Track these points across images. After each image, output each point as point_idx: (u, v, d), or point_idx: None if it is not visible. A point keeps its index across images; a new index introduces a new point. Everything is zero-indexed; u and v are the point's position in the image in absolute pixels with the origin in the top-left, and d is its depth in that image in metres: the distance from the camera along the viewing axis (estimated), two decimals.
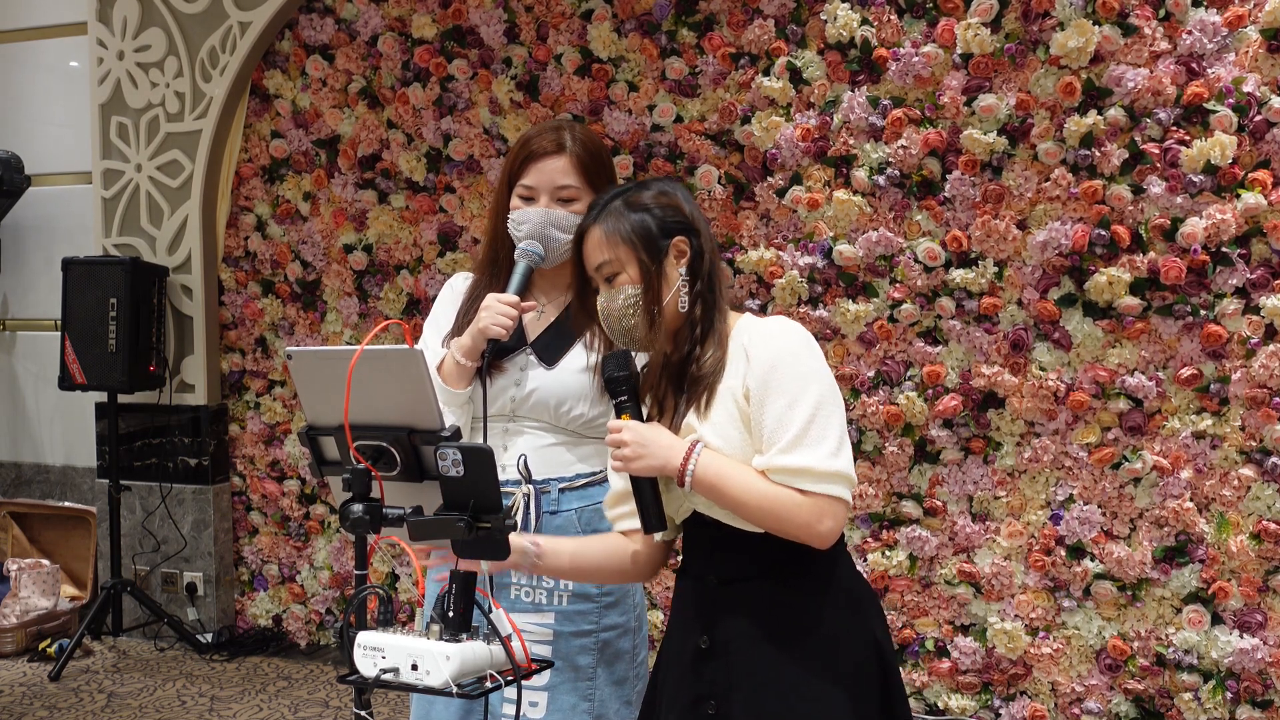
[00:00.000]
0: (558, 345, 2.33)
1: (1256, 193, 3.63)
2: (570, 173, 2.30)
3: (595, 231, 1.98)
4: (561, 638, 2.28)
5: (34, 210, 5.53)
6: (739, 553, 1.92)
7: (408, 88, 4.67)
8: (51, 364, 5.09)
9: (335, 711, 4.31)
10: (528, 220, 2.30)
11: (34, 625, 5.01)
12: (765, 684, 1.89)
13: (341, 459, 1.89)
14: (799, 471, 1.83)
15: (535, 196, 2.31)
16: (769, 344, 1.90)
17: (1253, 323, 3.69)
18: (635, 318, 1.94)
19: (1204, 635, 3.78)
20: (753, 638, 1.90)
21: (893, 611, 4.14)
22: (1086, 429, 3.87)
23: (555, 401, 2.30)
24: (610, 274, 1.96)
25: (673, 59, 4.28)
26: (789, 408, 1.84)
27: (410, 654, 1.70)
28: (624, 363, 1.97)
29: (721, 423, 1.90)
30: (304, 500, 5.07)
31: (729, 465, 1.86)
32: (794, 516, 1.83)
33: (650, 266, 1.94)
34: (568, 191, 2.30)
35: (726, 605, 1.92)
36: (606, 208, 1.99)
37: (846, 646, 1.92)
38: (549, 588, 2.29)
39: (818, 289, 4.15)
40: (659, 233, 1.95)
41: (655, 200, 1.98)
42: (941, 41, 3.92)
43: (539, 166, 2.31)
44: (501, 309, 2.22)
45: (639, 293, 1.94)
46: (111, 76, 5.10)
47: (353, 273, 4.87)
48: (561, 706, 2.28)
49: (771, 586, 1.91)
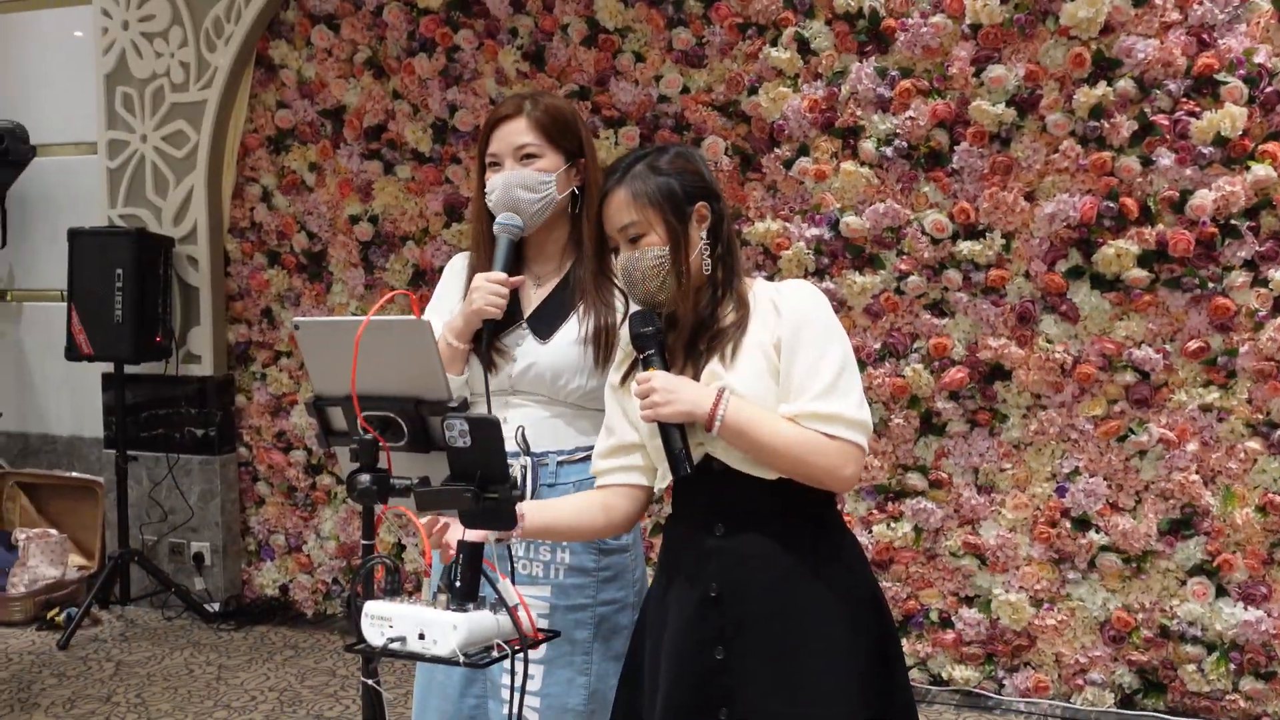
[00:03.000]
0: (552, 318, 2.33)
1: (1267, 165, 3.61)
2: (528, 132, 2.30)
3: (620, 193, 2.01)
4: (558, 611, 2.27)
5: (39, 181, 5.52)
6: (746, 503, 1.97)
7: (413, 58, 4.65)
8: (58, 335, 5.09)
9: (342, 680, 4.33)
10: (495, 187, 2.31)
11: (42, 594, 5.04)
12: (773, 632, 1.93)
13: (349, 429, 1.89)
14: (831, 417, 1.90)
15: (500, 161, 2.32)
16: (800, 299, 1.99)
17: (1261, 295, 3.68)
18: (662, 278, 1.98)
19: (1208, 607, 3.79)
20: (761, 585, 1.95)
21: (898, 583, 4.15)
22: (1093, 401, 3.87)
23: (552, 375, 2.29)
24: (636, 234, 2.00)
25: (680, 29, 4.25)
26: (820, 359, 1.93)
27: (417, 623, 1.71)
28: (649, 319, 2.00)
29: (749, 373, 1.95)
30: (310, 471, 5.08)
31: (757, 410, 1.92)
32: (821, 460, 1.90)
33: (677, 228, 1.99)
34: (527, 149, 2.31)
35: (733, 554, 1.96)
36: (630, 171, 2.02)
37: (849, 595, 1.99)
38: (545, 560, 2.29)
39: (824, 261, 4.14)
40: (684, 197, 2.00)
41: (678, 165, 2.03)
42: (950, 12, 3.90)
43: (499, 133, 2.32)
44: (491, 288, 2.23)
45: (666, 253, 1.98)
46: (116, 46, 5.08)
47: (359, 244, 4.86)
48: (558, 680, 2.28)
49: (778, 536, 1.96)
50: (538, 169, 2.30)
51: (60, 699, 4.16)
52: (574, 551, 2.28)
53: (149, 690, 4.24)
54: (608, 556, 2.31)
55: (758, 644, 1.94)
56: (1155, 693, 3.90)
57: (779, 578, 1.95)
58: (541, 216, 2.32)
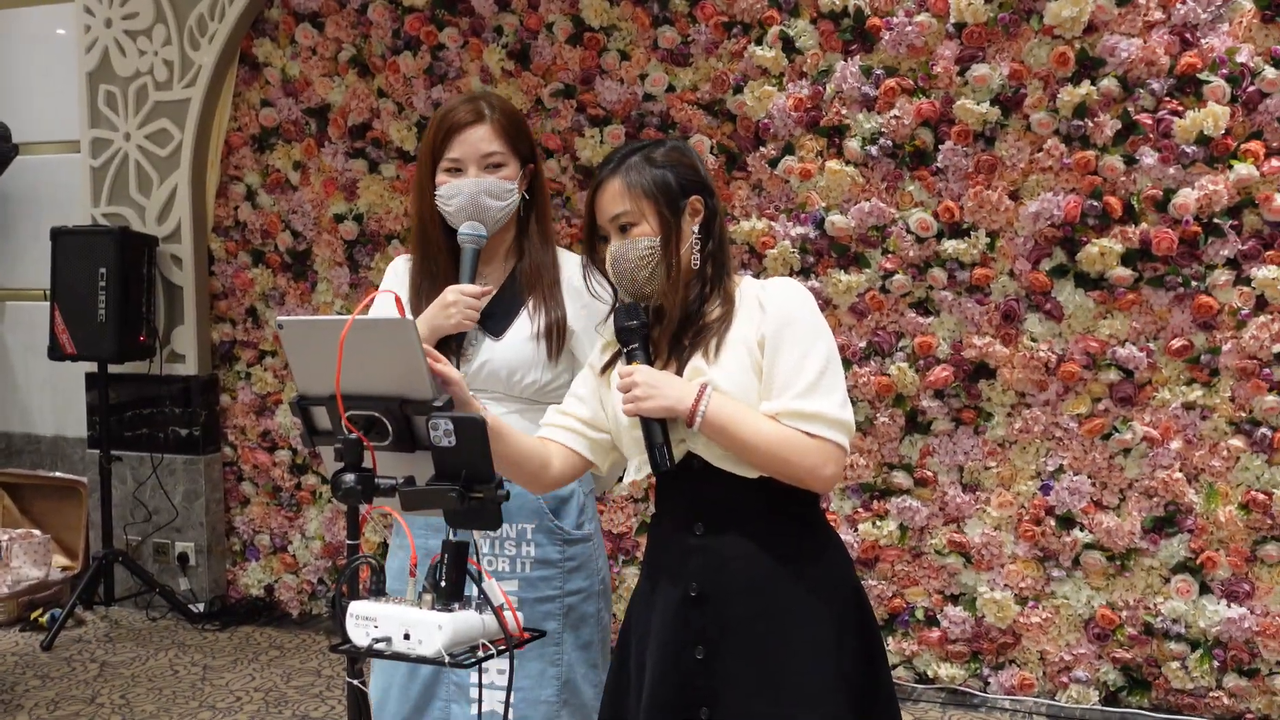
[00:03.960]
0: (503, 316, 2.35)
1: (1249, 164, 3.63)
2: (493, 139, 2.32)
3: (615, 183, 2.01)
4: (526, 604, 2.30)
5: (22, 179, 5.50)
6: (728, 502, 1.97)
7: (398, 56, 4.64)
8: (41, 334, 5.07)
9: (328, 680, 4.32)
10: (459, 193, 2.31)
11: (26, 595, 5.02)
12: (755, 632, 1.93)
13: (333, 429, 1.88)
14: (813, 416, 1.90)
15: (463, 168, 2.32)
16: (785, 296, 1.98)
17: (1243, 294, 3.69)
18: (651, 268, 1.98)
19: (1192, 605, 3.81)
20: (742, 585, 1.95)
21: (883, 581, 4.16)
22: (1077, 400, 3.88)
23: (506, 372, 2.32)
24: (627, 224, 2.00)
25: (665, 28, 4.25)
26: (804, 357, 1.93)
27: (402, 623, 1.70)
28: (635, 313, 2.00)
29: (733, 369, 1.95)
30: (295, 470, 5.07)
31: (739, 407, 1.92)
32: (802, 459, 1.90)
33: (670, 220, 1.99)
34: (494, 158, 2.32)
35: (714, 553, 1.97)
36: (626, 161, 2.02)
37: (831, 594, 1.98)
38: (511, 555, 2.33)
39: (810, 259, 4.14)
40: (678, 190, 2.01)
41: (673, 157, 2.04)
42: (935, 10, 3.90)
43: (461, 138, 2.32)
44: (469, 301, 2.25)
45: (656, 244, 1.98)
46: (99, 44, 5.06)
47: (343, 242, 4.85)
48: (530, 673, 2.31)
49: (759, 535, 1.96)
50: (502, 177, 2.32)
51: (44, 700, 4.14)
52: (539, 544, 2.33)
53: (133, 691, 4.23)
54: (572, 547, 2.36)
55: (740, 644, 1.94)
56: (1139, 690, 3.92)
57: (761, 577, 1.95)
58: (502, 224, 2.35)
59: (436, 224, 2.36)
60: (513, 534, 2.34)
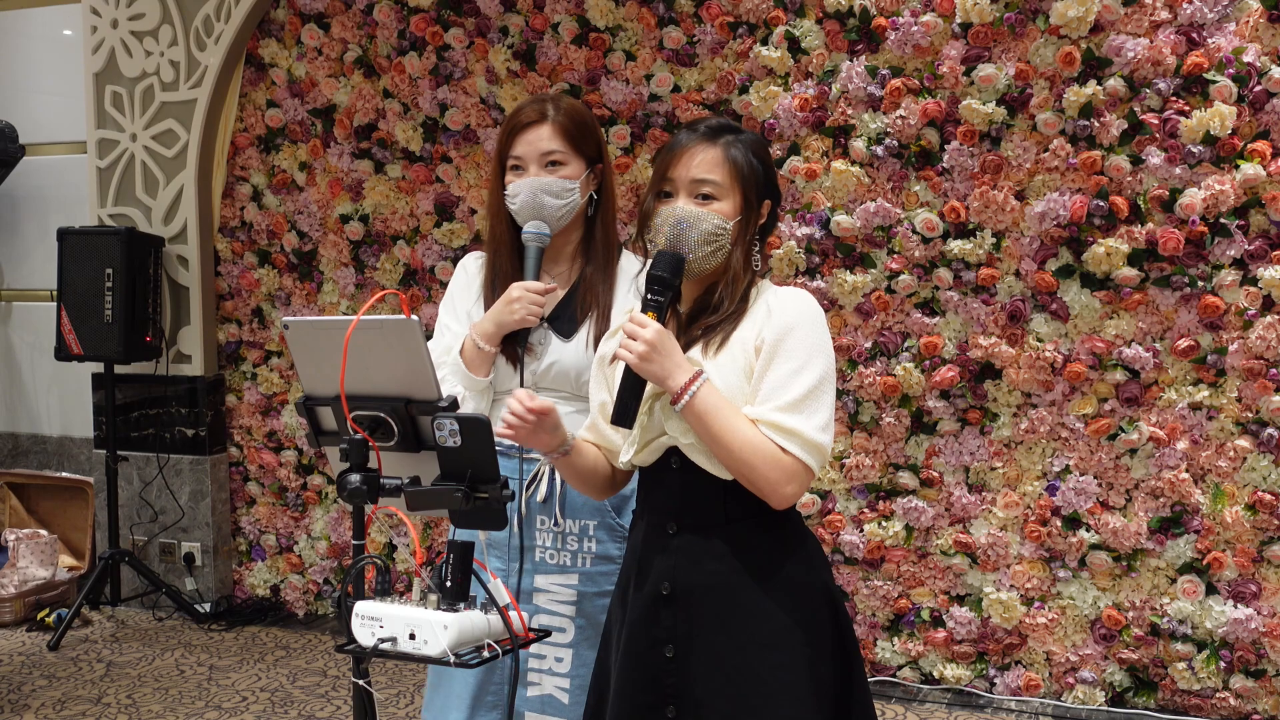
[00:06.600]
0: (572, 318, 2.41)
1: (1255, 163, 3.62)
2: (554, 138, 2.37)
3: (715, 150, 2.00)
4: (585, 598, 2.38)
5: (29, 180, 5.51)
6: (703, 501, 1.97)
7: (404, 57, 4.64)
8: (47, 334, 5.08)
9: (334, 680, 4.32)
10: (520, 191, 2.37)
11: (32, 595, 5.03)
12: (725, 631, 1.93)
13: (339, 429, 1.89)
14: (790, 432, 1.88)
15: (525, 166, 2.38)
16: (793, 306, 1.97)
17: (1250, 294, 3.69)
18: (714, 245, 1.98)
19: (1198, 605, 3.80)
20: (713, 585, 1.95)
21: (889, 582, 4.15)
22: (1083, 400, 3.88)
23: (575, 373, 2.37)
24: (709, 194, 1.99)
25: (670, 28, 4.25)
26: (796, 372, 1.91)
27: (408, 623, 1.71)
28: (677, 269, 1.96)
29: (727, 367, 1.95)
30: (301, 471, 5.08)
31: (724, 402, 1.91)
32: (768, 471, 1.88)
33: (751, 210, 2.01)
34: (554, 156, 2.37)
35: (687, 552, 1.97)
36: (724, 135, 2.01)
37: (803, 595, 1.97)
38: (573, 550, 2.39)
39: (815, 260, 4.14)
40: (765, 187, 2.03)
41: (765, 157, 2.05)
42: (940, 10, 3.90)
43: (524, 137, 2.38)
44: (532, 298, 2.30)
45: (729, 227, 1.98)
46: (105, 45, 5.07)
47: (349, 243, 4.85)
48: (585, 662, 2.37)
49: (733, 536, 1.96)
50: (562, 175, 2.37)
51: (50, 700, 4.15)
52: (600, 541, 2.38)
53: (140, 691, 4.23)
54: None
55: (709, 644, 1.93)
56: (1146, 691, 3.91)
57: (732, 578, 1.94)
58: (564, 222, 2.39)
59: (505, 221, 2.43)
60: (575, 530, 2.40)
